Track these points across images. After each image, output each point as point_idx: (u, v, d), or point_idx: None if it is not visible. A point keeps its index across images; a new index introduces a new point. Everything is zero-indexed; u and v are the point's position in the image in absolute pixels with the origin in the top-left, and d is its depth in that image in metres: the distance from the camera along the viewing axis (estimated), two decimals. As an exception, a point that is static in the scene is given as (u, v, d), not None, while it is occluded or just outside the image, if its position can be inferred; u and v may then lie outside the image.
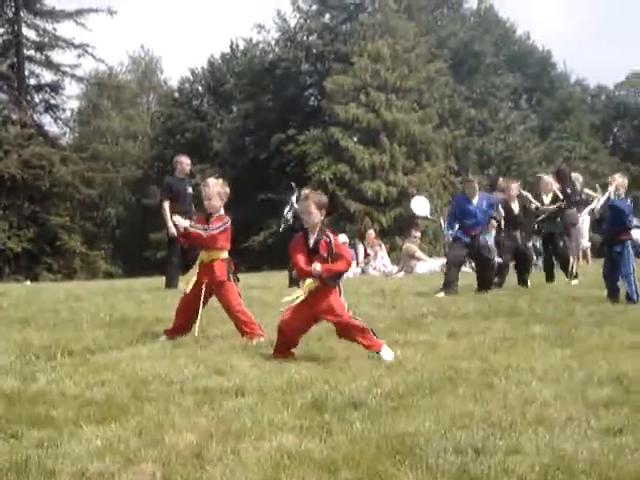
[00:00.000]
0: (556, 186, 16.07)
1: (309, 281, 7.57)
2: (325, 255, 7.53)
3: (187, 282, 9.04)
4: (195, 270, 9.05)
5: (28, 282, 29.48)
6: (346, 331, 7.58)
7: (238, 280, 9.28)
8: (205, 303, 9.01)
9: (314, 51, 48.45)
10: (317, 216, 7.63)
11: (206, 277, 8.93)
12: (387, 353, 7.37)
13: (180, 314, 9.05)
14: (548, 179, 16.35)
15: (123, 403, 5.75)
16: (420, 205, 24.19)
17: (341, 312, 7.55)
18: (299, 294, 7.59)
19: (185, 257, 15.93)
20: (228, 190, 9.15)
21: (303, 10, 49.17)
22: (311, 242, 7.64)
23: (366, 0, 47.85)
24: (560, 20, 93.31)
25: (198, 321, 8.87)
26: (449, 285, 13.96)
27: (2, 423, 5.22)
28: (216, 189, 9.02)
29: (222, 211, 9.13)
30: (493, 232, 17.33)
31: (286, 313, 7.66)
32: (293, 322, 7.58)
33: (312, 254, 7.59)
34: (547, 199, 15.85)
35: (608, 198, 11.86)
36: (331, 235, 7.68)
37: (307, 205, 7.64)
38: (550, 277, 15.92)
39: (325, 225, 7.77)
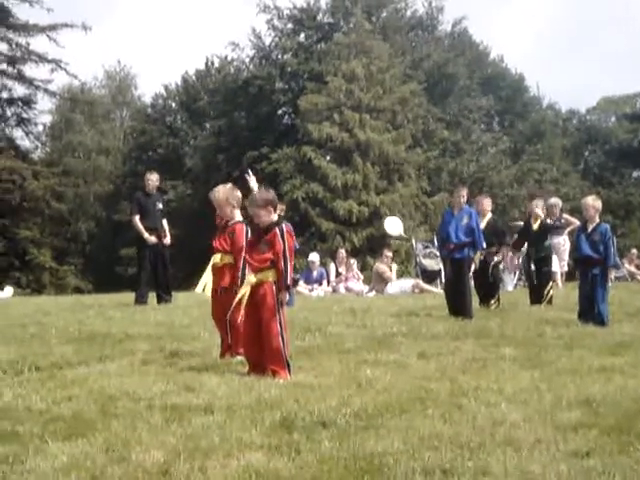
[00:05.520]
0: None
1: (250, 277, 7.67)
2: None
3: (204, 286, 8.81)
4: (209, 273, 8.85)
5: (10, 289, 28.73)
6: (264, 339, 7.55)
7: None
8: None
9: (288, 69, 48.46)
10: (269, 215, 7.63)
11: (216, 281, 8.80)
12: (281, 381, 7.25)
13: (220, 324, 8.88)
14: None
15: (90, 419, 5.71)
16: (393, 225, 24.31)
17: (271, 316, 7.53)
18: (244, 290, 7.63)
19: (155, 274, 15.94)
20: (239, 193, 9.03)
21: (278, 28, 49.23)
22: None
23: (341, 20, 47.98)
24: (534, 45, 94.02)
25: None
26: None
27: (-34, 438, 5.17)
28: (224, 196, 8.94)
29: (238, 216, 8.97)
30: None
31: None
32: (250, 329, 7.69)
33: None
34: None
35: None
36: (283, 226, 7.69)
37: (257, 209, 7.65)
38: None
39: (278, 220, 7.78)
